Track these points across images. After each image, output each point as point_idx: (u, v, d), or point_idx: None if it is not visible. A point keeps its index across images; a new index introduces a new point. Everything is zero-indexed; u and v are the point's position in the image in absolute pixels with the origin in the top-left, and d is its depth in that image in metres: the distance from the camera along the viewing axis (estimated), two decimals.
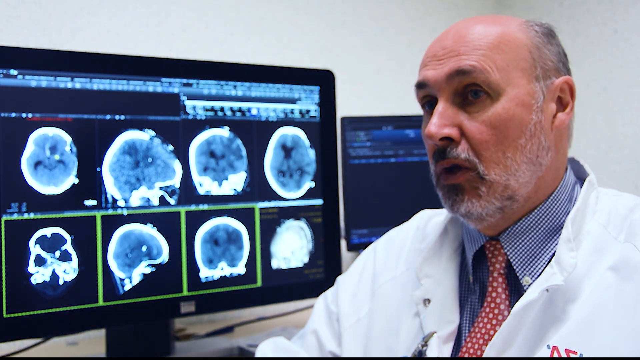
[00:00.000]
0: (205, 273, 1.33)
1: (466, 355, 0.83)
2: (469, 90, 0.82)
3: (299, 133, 1.47)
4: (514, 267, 0.85)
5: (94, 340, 1.51)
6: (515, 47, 0.82)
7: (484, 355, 0.79)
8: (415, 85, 0.88)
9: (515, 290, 0.85)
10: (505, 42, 0.82)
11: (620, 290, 0.75)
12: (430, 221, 1.02)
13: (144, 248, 1.27)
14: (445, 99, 0.83)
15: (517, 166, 0.81)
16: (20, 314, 1.14)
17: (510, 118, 0.80)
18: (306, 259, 1.47)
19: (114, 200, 1.24)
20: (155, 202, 1.28)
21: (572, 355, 0.73)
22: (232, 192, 1.38)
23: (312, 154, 1.49)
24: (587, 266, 0.79)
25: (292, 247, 1.45)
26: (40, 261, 1.16)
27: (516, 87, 0.81)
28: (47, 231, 1.17)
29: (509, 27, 0.84)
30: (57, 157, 1.19)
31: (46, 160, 1.18)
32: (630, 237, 0.79)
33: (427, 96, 0.87)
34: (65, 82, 1.21)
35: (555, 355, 0.74)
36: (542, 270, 0.83)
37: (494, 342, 0.78)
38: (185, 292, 1.31)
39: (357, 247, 1.75)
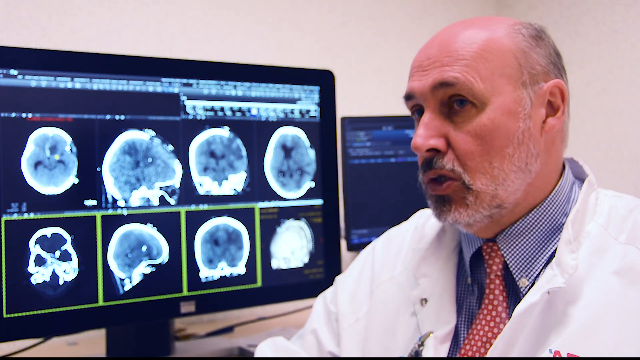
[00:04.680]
0: (205, 273, 1.33)
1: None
2: (454, 100, 0.81)
3: (299, 133, 1.47)
4: (511, 269, 0.85)
5: (94, 340, 1.52)
6: (500, 54, 0.81)
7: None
8: (403, 97, 0.88)
9: (513, 292, 0.85)
10: (489, 50, 0.81)
11: (625, 295, 0.75)
12: (428, 221, 1.02)
13: (144, 248, 1.27)
14: (432, 109, 0.83)
15: (505, 175, 0.80)
16: (20, 314, 1.14)
17: (496, 128, 0.80)
18: (306, 259, 1.47)
19: (114, 200, 1.24)
20: (155, 202, 1.28)
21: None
22: (232, 192, 1.38)
23: (312, 154, 1.49)
24: (588, 267, 0.78)
25: (292, 247, 1.45)
26: (40, 261, 1.17)
27: (502, 95, 0.80)
28: (47, 231, 1.18)
29: (495, 33, 0.82)
30: (57, 157, 1.19)
31: (46, 160, 1.18)
32: (634, 240, 0.79)
33: (416, 105, 0.87)
34: (65, 82, 1.21)
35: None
36: (539, 272, 0.83)
37: (496, 345, 0.77)
38: (185, 292, 1.31)
39: (357, 247, 1.75)
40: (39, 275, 1.16)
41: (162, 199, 1.29)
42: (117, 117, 1.25)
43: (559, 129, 0.85)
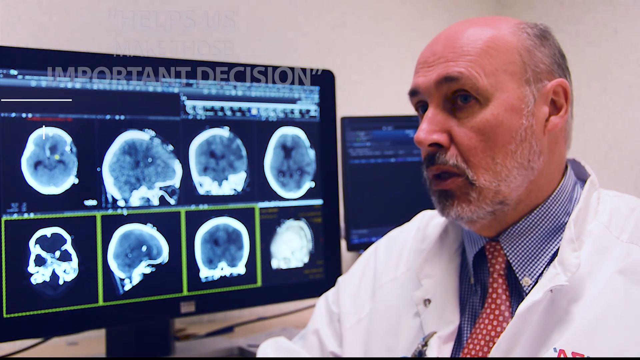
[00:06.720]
0: (205, 273, 1.33)
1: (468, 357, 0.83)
2: (458, 95, 0.82)
3: (299, 133, 1.47)
4: (514, 268, 0.85)
5: (94, 340, 1.51)
6: (505, 51, 0.81)
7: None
8: (408, 92, 0.88)
9: (516, 291, 0.85)
10: (493, 47, 0.81)
11: (629, 293, 0.75)
12: (431, 222, 1.02)
13: (144, 248, 1.27)
14: (436, 104, 0.83)
15: (507, 171, 0.81)
16: (20, 314, 1.14)
17: (499, 124, 0.80)
18: (306, 259, 1.47)
19: (114, 200, 1.24)
20: (155, 202, 1.28)
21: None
22: (232, 192, 1.38)
23: (312, 154, 1.49)
24: (590, 266, 0.79)
25: (292, 247, 1.45)
26: (40, 261, 1.16)
27: (505, 91, 0.81)
28: (47, 231, 1.17)
29: (500, 31, 0.83)
30: (57, 157, 1.19)
31: (46, 160, 1.18)
32: (636, 239, 0.79)
33: (421, 102, 0.88)
34: (65, 82, 1.21)
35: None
36: (542, 271, 0.83)
37: (499, 344, 0.77)
38: (185, 292, 1.31)
39: (357, 247, 1.75)
40: (39, 275, 1.16)
41: (162, 199, 1.29)
42: (117, 117, 1.25)
43: (561, 128, 0.86)
